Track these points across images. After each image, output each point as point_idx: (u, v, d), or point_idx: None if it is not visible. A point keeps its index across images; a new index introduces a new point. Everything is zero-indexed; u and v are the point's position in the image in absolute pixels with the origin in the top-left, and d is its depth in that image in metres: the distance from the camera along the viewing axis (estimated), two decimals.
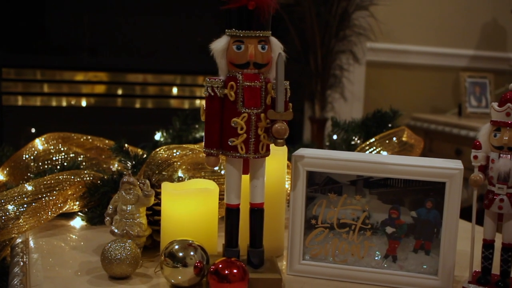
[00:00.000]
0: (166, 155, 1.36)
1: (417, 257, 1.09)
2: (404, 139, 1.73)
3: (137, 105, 3.28)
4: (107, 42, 3.16)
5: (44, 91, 3.13)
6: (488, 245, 1.07)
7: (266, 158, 1.07)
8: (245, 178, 1.08)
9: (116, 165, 1.65)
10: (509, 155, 1.02)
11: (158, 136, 1.87)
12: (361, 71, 3.33)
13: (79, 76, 3.18)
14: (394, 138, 1.69)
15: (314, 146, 1.80)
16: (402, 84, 3.62)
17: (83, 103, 3.23)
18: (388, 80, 3.58)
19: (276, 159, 1.16)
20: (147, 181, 1.15)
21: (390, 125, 1.77)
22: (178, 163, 1.35)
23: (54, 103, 3.18)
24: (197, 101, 3.29)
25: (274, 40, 1.04)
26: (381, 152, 1.64)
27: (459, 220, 1.07)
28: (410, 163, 1.07)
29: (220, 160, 1.07)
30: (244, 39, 1.01)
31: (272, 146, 1.05)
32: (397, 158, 1.11)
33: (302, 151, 1.12)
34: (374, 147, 1.64)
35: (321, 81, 2.96)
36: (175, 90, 3.28)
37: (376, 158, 1.10)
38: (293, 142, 1.79)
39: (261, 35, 1.01)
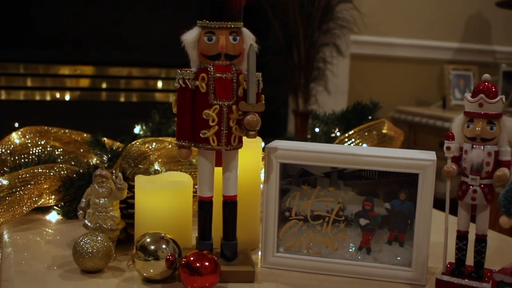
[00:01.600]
0: (141, 148, 1.35)
1: (391, 248, 1.09)
2: (384, 131, 1.73)
3: (122, 99, 3.26)
4: (92, 36, 3.14)
5: (27, 85, 3.10)
6: (462, 236, 1.06)
7: (240, 150, 1.07)
8: (219, 170, 1.07)
9: (95, 159, 1.64)
10: (482, 146, 1.01)
11: (137, 129, 1.86)
12: (345, 64, 3.32)
13: (63, 70, 3.15)
14: (374, 131, 1.69)
15: (296, 139, 1.79)
16: (386, 77, 3.62)
17: (67, 97, 3.21)
18: (373, 73, 3.57)
19: (251, 151, 1.16)
20: (120, 174, 1.14)
21: (370, 117, 1.76)
22: (154, 156, 1.35)
23: (37, 97, 3.16)
24: None
25: (246, 31, 1.03)
26: (361, 144, 1.64)
27: (435, 211, 1.07)
28: (384, 154, 1.07)
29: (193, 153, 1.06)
30: (215, 30, 1.00)
31: (247, 138, 1.04)
32: (371, 150, 1.10)
33: (275, 143, 1.11)
34: (353, 139, 1.63)
35: (305, 74, 2.95)
36: (160, 84, 3.27)
37: (350, 150, 1.09)
38: (277, 135, 1.78)
39: (232, 26, 1.01)
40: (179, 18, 2.93)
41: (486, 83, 1.03)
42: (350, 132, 1.63)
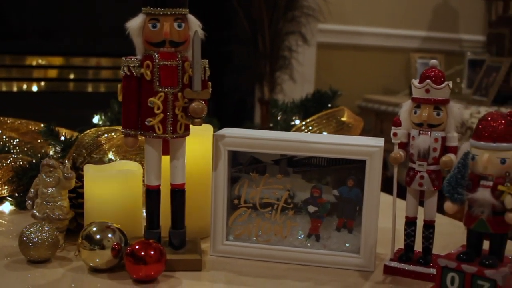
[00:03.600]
0: (94, 138, 1.34)
1: (340, 235, 1.09)
2: (343, 119, 1.72)
3: (90, 89, 3.23)
4: (59, 26, 3.10)
5: None
6: (410, 223, 1.07)
7: (191, 138, 1.06)
8: (168, 159, 1.06)
9: (54, 150, 1.62)
10: (428, 132, 1.02)
11: (96, 119, 1.84)
12: (311, 52, 3.32)
13: (30, 60, 3.12)
14: (333, 118, 1.69)
15: (261, 128, 1.79)
16: (353, 65, 3.62)
17: (34, 88, 3.17)
18: (340, 61, 3.58)
19: (202, 139, 1.15)
20: (67, 164, 1.13)
21: (329, 105, 1.76)
22: (107, 146, 1.33)
23: (4, 88, 3.12)
24: None
25: (191, 18, 1.02)
26: (320, 132, 1.64)
27: (387, 197, 1.07)
28: (331, 141, 1.06)
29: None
30: (159, 17, 0.99)
31: (196, 126, 1.04)
32: (319, 137, 1.10)
33: (224, 131, 1.11)
34: (311, 127, 1.63)
35: (270, 62, 2.95)
36: None
37: (297, 137, 1.09)
38: (243, 125, 1.77)
39: (177, 12, 1.00)
40: None
41: (433, 69, 1.03)
42: (308, 120, 1.63)
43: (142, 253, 0.96)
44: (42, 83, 3.17)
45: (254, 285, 1.01)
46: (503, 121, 0.92)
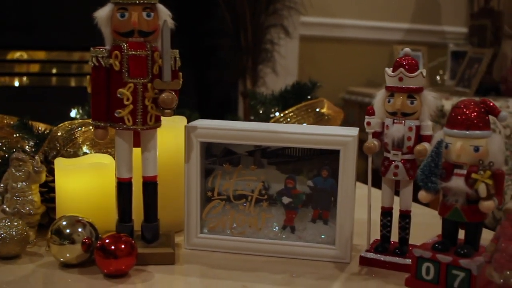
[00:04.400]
0: (68, 131, 1.31)
1: (316, 227, 1.08)
2: (323, 110, 1.71)
3: (73, 84, 3.20)
4: (42, 20, 3.07)
5: None
6: (386, 213, 1.06)
7: (164, 130, 1.04)
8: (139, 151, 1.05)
9: (28, 144, 1.60)
10: (402, 121, 1.00)
11: (73, 113, 1.81)
12: (293, 45, 3.30)
13: (12, 55, 3.09)
14: (312, 110, 1.67)
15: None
16: (336, 58, 3.61)
17: (16, 83, 3.14)
18: (323, 54, 3.56)
19: (174, 131, 1.13)
20: (37, 157, 1.11)
21: (309, 96, 1.75)
22: (81, 139, 1.31)
23: None
24: None
25: (161, 7, 1.00)
26: (301, 123, 1.62)
27: (365, 188, 1.05)
28: (305, 131, 1.05)
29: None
30: (128, 7, 0.97)
31: (173, 117, 1.02)
32: (293, 127, 1.09)
33: (196, 122, 1.09)
34: (289, 119, 1.61)
35: (252, 56, 2.93)
36: None
37: (270, 128, 1.08)
38: (226, 118, 1.76)
39: (145, 2, 0.98)
40: None
41: (406, 58, 1.02)
42: (287, 111, 1.62)
43: (112, 247, 0.95)
44: (24, 78, 3.14)
45: (228, 278, 0.99)
46: (476, 109, 0.91)
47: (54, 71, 3.17)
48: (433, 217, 1.29)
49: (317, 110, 1.69)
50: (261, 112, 1.78)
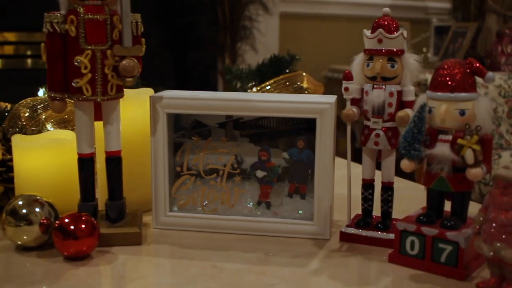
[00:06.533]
0: (30, 107, 1.24)
1: (292, 202, 1.01)
2: (302, 84, 1.64)
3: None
4: (14, 1, 2.99)
5: None
6: (367, 185, 0.99)
7: (129, 101, 0.98)
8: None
9: None
10: (383, 86, 0.94)
11: (41, 92, 1.73)
12: (274, 22, 3.22)
13: None
14: (291, 83, 1.61)
15: None
16: (318, 35, 3.54)
17: None
18: (305, 31, 3.49)
19: (140, 103, 1.06)
20: None
21: (287, 70, 1.68)
22: (44, 115, 1.24)
23: None
24: None
25: None
26: None
27: (344, 163, 0.99)
28: (279, 99, 0.98)
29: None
30: None
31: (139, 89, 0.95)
32: (266, 96, 1.02)
33: (162, 92, 1.02)
34: (267, 93, 1.54)
35: (231, 33, 2.85)
36: None
37: (242, 96, 1.00)
38: None
39: None
40: None
41: (386, 18, 0.95)
42: (263, 85, 1.55)
43: (72, 227, 0.87)
44: None
45: (198, 258, 0.92)
46: (461, 69, 0.85)
47: (28, 52, 3.10)
48: (418, 191, 1.23)
49: (297, 84, 1.63)
50: (238, 87, 1.71)
